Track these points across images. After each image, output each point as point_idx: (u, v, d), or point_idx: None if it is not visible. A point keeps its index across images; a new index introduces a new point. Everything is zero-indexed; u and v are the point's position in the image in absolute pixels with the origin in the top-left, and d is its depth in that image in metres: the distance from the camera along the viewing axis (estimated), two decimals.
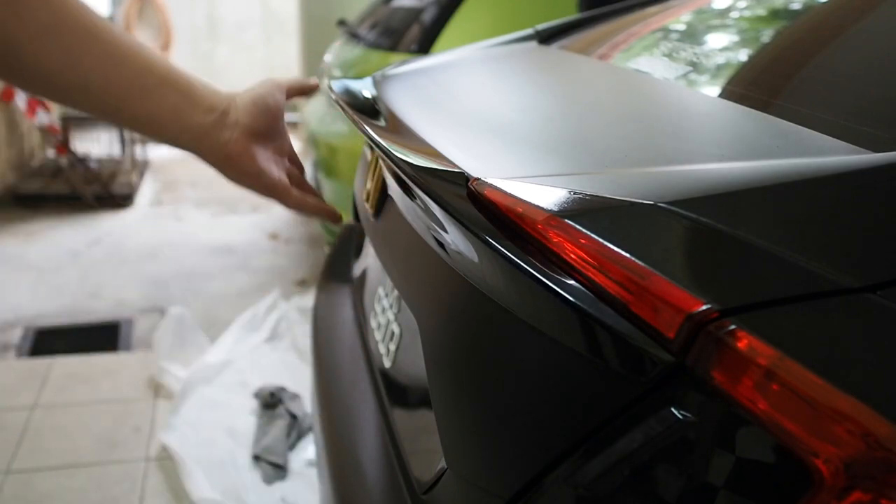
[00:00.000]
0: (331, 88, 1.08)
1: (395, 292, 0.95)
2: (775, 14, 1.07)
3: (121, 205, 3.86)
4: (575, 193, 0.57)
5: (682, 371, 0.46)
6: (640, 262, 0.48)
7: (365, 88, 1.08)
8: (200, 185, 4.31)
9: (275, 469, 1.82)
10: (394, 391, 0.92)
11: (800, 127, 0.69)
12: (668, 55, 1.05)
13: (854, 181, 0.55)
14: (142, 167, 4.42)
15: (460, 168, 0.68)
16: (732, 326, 0.43)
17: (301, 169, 0.84)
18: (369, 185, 1.13)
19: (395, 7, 2.81)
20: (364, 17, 3.08)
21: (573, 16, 1.43)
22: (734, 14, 1.18)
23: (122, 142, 4.36)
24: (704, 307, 0.44)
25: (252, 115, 0.73)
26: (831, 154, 0.62)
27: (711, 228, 0.50)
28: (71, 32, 0.62)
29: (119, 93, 0.66)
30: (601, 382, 0.52)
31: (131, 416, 2.07)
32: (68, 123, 4.25)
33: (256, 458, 1.85)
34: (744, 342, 0.42)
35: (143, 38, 5.60)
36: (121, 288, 2.90)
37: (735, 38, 1.08)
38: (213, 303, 2.77)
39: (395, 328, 0.93)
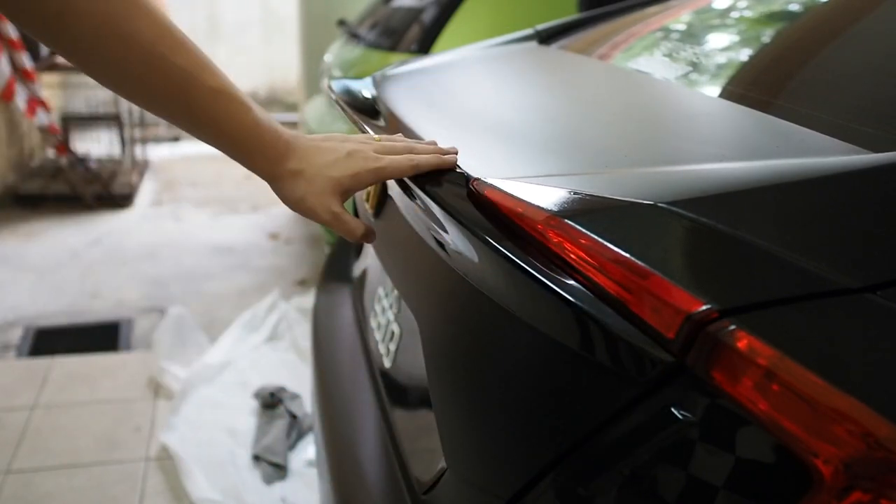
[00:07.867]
0: (331, 88, 1.08)
1: (395, 292, 0.95)
2: (775, 14, 1.07)
3: (121, 205, 3.85)
4: (575, 193, 0.57)
5: (682, 371, 0.46)
6: (639, 262, 0.48)
7: (365, 88, 1.09)
8: (200, 185, 4.31)
9: (275, 469, 1.82)
10: (394, 391, 0.92)
11: (800, 127, 0.69)
12: (668, 55, 1.05)
13: (854, 181, 0.55)
14: (142, 167, 4.41)
15: (460, 168, 0.68)
16: (732, 326, 0.43)
17: None
18: None
19: (395, 7, 2.81)
20: (364, 17, 3.08)
21: (573, 16, 1.43)
22: (734, 14, 1.18)
23: (122, 142, 4.36)
24: (704, 307, 0.44)
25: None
26: (831, 154, 0.62)
27: (711, 228, 0.50)
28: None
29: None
30: (601, 382, 0.52)
31: (131, 416, 2.07)
32: (68, 123, 4.25)
33: (256, 458, 1.85)
34: (744, 342, 0.42)
35: None
36: (120, 288, 2.90)
37: (735, 38, 1.08)
38: (213, 303, 2.77)
39: (395, 328, 0.93)
